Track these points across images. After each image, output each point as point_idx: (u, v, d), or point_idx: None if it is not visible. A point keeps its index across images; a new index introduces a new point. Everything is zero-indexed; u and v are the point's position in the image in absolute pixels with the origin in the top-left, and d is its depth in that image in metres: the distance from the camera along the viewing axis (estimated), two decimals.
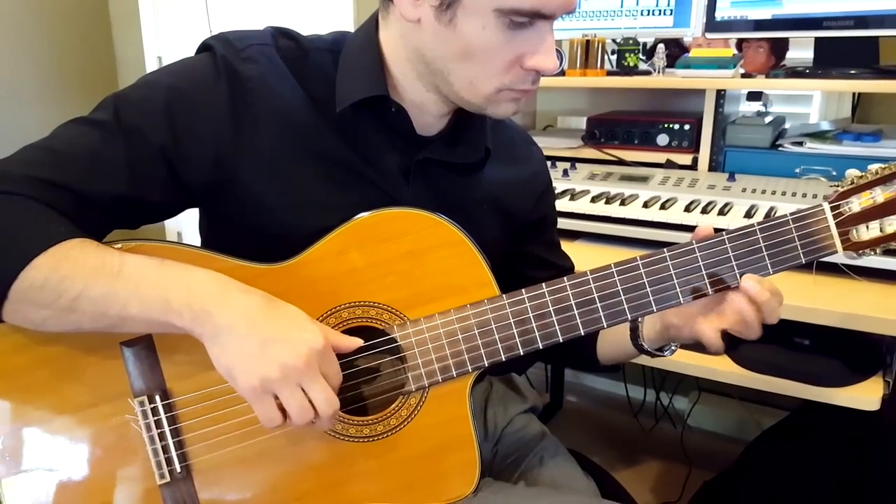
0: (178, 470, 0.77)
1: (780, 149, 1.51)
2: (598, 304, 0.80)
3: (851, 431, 1.48)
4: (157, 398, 0.76)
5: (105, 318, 0.70)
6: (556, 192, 1.46)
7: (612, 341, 0.95)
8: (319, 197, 0.82)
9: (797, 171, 1.47)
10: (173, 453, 0.76)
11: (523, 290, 0.80)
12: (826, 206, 0.79)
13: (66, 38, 2.77)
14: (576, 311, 0.80)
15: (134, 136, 0.76)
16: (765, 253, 0.79)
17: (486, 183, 0.93)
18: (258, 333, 0.69)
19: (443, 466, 0.82)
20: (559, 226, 1.35)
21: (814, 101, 1.87)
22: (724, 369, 1.15)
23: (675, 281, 0.80)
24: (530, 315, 0.80)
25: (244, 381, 0.69)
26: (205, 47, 0.82)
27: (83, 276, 0.69)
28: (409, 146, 0.85)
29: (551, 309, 0.80)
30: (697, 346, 1.18)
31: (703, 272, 0.79)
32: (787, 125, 1.70)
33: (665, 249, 0.79)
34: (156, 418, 0.76)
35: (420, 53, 0.78)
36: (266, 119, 0.80)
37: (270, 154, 0.80)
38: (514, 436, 1.02)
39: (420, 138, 0.86)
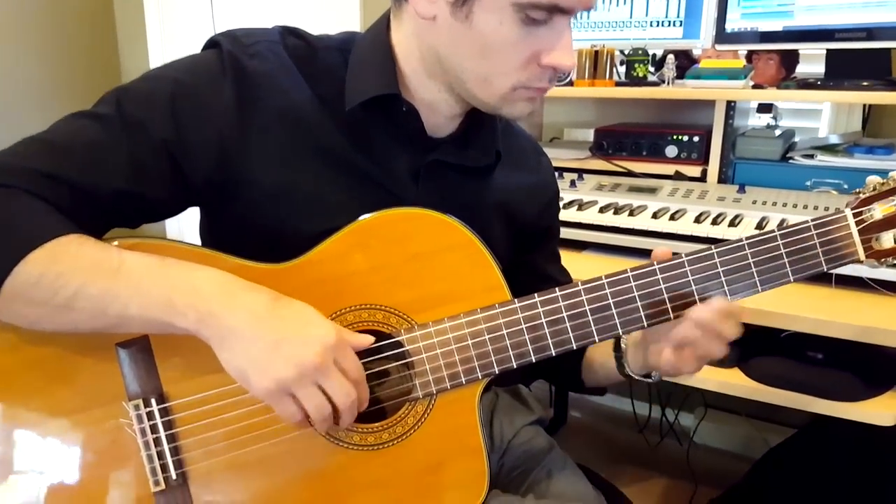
0: (174, 477, 0.73)
1: (790, 161, 1.49)
2: (614, 311, 0.77)
3: (861, 449, 1.45)
4: (153, 402, 0.73)
5: (103, 318, 0.68)
6: (564, 202, 1.44)
7: (598, 362, 0.93)
8: (325, 197, 0.80)
9: (808, 183, 1.45)
10: (169, 459, 0.73)
11: (536, 295, 0.78)
12: (849, 213, 0.76)
13: (71, 46, 2.76)
14: (590, 318, 0.77)
15: (136, 130, 0.73)
16: (786, 260, 0.76)
17: (496, 188, 0.91)
18: (269, 334, 0.67)
19: (450, 477, 0.78)
20: (567, 236, 1.35)
21: (823, 116, 1.85)
22: (734, 382, 1.12)
23: (693, 287, 0.77)
24: (543, 321, 0.77)
25: (259, 383, 0.66)
26: (212, 43, 0.80)
27: (81, 273, 0.66)
28: (418, 148, 0.83)
29: (565, 315, 0.77)
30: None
31: (722, 277, 0.77)
32: (796, 139, 1.68)
33: (683, 253, 0.77)
34: (151, 423, 0.73)
35: (434, 51, 0.76)
36: (272, 116, 0.77)
37: (276, 152, 0.78)
38: (521, 448, 0.99)
39: (430, 140, 0.84)
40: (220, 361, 0.68)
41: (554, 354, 0.78)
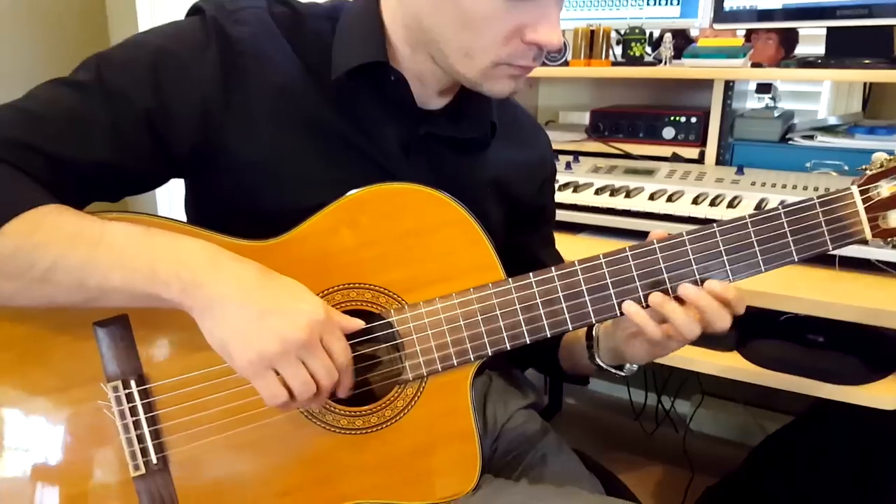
0: (154, 461, 0.71)
1: (790, 143, 1.47)
2: (611, 291, 0.74)
3: (860, 436, 1.43)
4: (133, 383, 0.70)
5: (83, 291, 0.65)
6: (559, 184, 1.41)
7: (567, 349, 0.91)
8: (312, 171, 0.77)
9: (808, 165, 1.42)
10: (149, 443, 0.71)
11: (531, 275, 0.75)
12: (855, 190, 0.74)
13: (62, 37, 2.71)
14: (587, 298, 0.75)
15: (117, 98, 0.70)
16: (790, 239, 0.74)
17: (491, 164, 0.88)
18: (254, 305, 0.64)
19: (441, 461, 0.76)
20: (562, 218, 1.32)
21: (822, 98, 1.82)
22: (733, 366, 1.09)
23: (695, 267, 0.74)
24: (538, 301, 0.75)
25: (241, 355, 0.64)
26: (195, 10, 0.76)
27: (59, 244, 0.63)
28: (409, 120, 0.80)
29: (561, 295, 0.75)
30: (705, 341, 1.14)
31: (724, 257, 0.74)
32: (795, 121, 1.66)
33: (683, 232, 0.74)
34: (130, 405, 0.70)
35: (418, 21, 0.73)
36: (257, 84, 0.74)
37: (261, 123, 0.75)
38: (515, 432, 0.96)
39: (421, 112, 0.81)
40: (202, 339, 0.65)
41: (549, 336, 0.75)
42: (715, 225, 0.74)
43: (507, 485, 0.80)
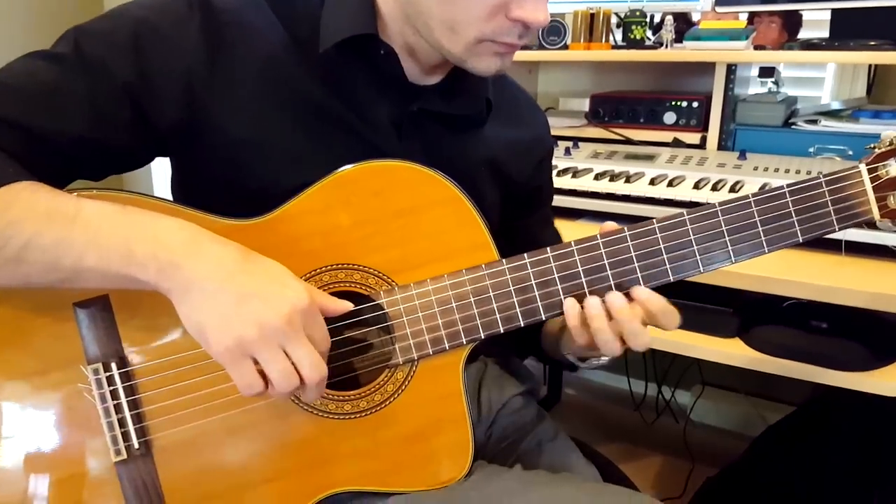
0: (136, 446, 0.69)
1: (793, 127, 1.44)
2: (609, 272, 0.72)
3: (862, 426, 1.41)
4: (113, 366, 0.68)
5: (57, 271, 0.62)
6: (558, 170, 1.39)
7: (546, 339, 0.89)
8: (299, 147, 0.75)
9: (811, 150, 1.39)
10: (130, 428, 0.68)
11: (525, 255, 0.73)
12: (863, 168, 0.71)
13: (59, 33, 2.68)
14: (584, 279, 0.72)
15: (96, 71, 0.68)
16: (795, 219, 0.71)
17: (486, 143, 0.85)
18: (234, 288, 0.61)
19: (432, 447, 0.74)
20: (561, 204, 1.29)
21: (826, 84, 1.79)
22: (735, 353, 1.07)
23: (696, 247, 0.72)
24: (532, 282, 0.72)
25: (217, 341, 0.61)
26: None
27: (33, 222, 0.61)
28: (401, 96, 0.78)
29: (556, 276, 0.72)
30: (707, 328, 1.12)
31: (726, 237, 0.72)
32: (798, 106, 1.63)
33: (684, 211, 0.72)
34: (111, 388, 0.68)
35: None
36: (242, 57, 0.72)
37: (246, 98, 0.72)
38: (510, 418, 0.94)
39: (414, 87, 0.79)
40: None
41: (544, 318, 0.73)
42: (717, 204, 0.72)
43: (501, 471, 0.78)
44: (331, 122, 0.75)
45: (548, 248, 0.72)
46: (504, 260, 0.73)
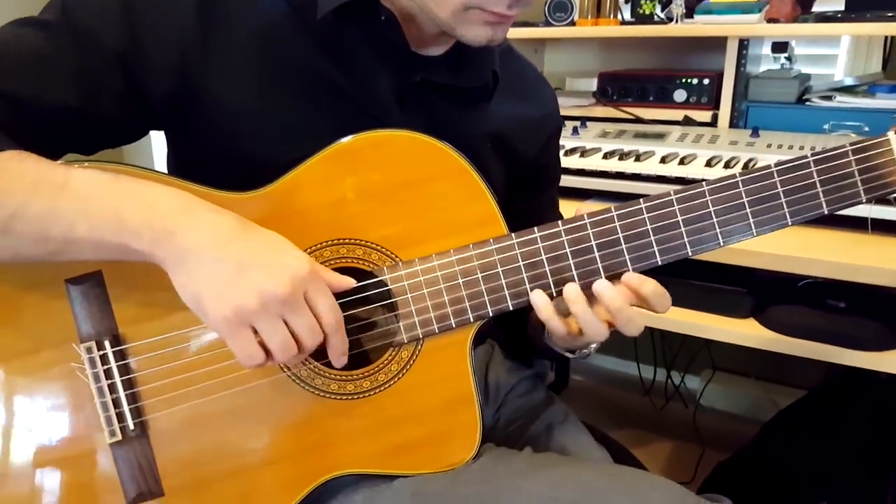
0: (132, 427, 0.66)
1: (807, 104, 1.40)
2: (623, 246, 0.69)
3: (877, 410, 1.39)
4: (107, 344, 0.66)
5: (47, 243, 0.60)
6: (565, 150, 1.35)
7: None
8: (297, 119, 0.72)
9: (826, 127, 1.36)
10: (125, 408, 0.66)
11: (535, 229, 0.70)
12: (892, 136, 0.68)
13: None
14: (596, 254, 0.69)
15: (85, 38, 0.65)
16: (819, 189, 0.68)
17: (492, 117, 0.82)
18: (232, 257, 0.59)
19: (438, 428, 0.71)
20: (568, 184, 1.26)
21: (839, 61, 1.75)
22: (749, 333, 1.04)
23: (715, 220, 0.69)
24: (543, 257, 0.69)
25: (215, 311, 0.58)
26: None
27: (21, 192, 0.58)
28: (403, 66, 0.75)
29: (568, 251, 0.69)
30: (720, 308, 1.09)
31: (748, 209, 0.68)
32: (811, 84, 1.59)
33: (703, 182, 0.69)
34: (105, 367, 0.66)
35: None
36: (238, 26, 0.69)
37: (242, 65, 0.69)
38: (519, 401, 0.92)
39: (417, 57, 0.76)
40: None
41: (555, 295, 0.70)
42: (738, 174, 0.68)
43: (510, 453, 0.75)
44: (331, 94, 0.72)
45: (559, 222, 0.69)
46: (514, 234, 0.70)
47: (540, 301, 0.68)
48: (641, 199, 0.69)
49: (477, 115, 0.81)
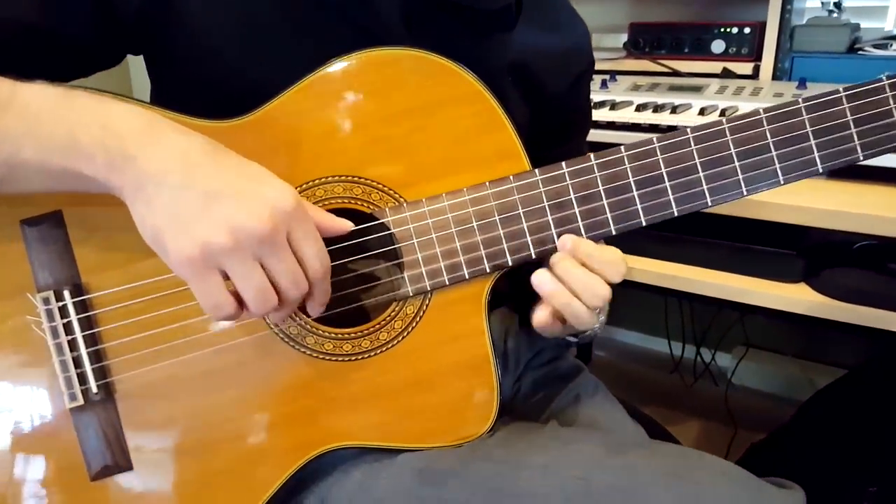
0: (95, 390, 0.58)
1: (859, 53, 1.28)
2: (667, 183, 0.59)
3: None
4: (67, 294, 0.57)
5: None
6: (594, 103, 1.25)
7: None
8: (289, 42, 0.63)
9: (882, 77, 1.23)
10: (87, 368, 0.57)
11: (563, 164, 0.60)
12: None
13: None
14: (635, 193, 0.59)
15: None
16: (853, 131, 0.59)
17: (514, 47, 0.72)
18: (200, 185, 0.50)
19: (449, 396, 0.62)
20: (596, 138, 1.16)
21: (889, 14, 1.62)
22: (800, 298, 0.94)
23: (737, 164, 0.59)
24: (572, 197, 0.60)
25: (177, 248, 0.49)
26: None
27: None
28: None
29: (601, 189, 0.59)
30: (768, 272, 0.98)
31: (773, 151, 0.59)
32: (860, 34, 1.46)
33: (724, 119, 0.59)
34: (65, 320, 0.57)
35: None
36: None
37: None
38: (542, 370, 0.82)
39: None
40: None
41: (586, 238, 0.60)
42: (761, 111, 0.58)
43: (533, 427, 0.66)
44: (330, 12, 0.63)
45: (591, 155, 0.59)
46: (538, 170, 0.60)
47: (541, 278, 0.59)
48: (689, 129, 0.59)
49: (497, 44, 0.72)
